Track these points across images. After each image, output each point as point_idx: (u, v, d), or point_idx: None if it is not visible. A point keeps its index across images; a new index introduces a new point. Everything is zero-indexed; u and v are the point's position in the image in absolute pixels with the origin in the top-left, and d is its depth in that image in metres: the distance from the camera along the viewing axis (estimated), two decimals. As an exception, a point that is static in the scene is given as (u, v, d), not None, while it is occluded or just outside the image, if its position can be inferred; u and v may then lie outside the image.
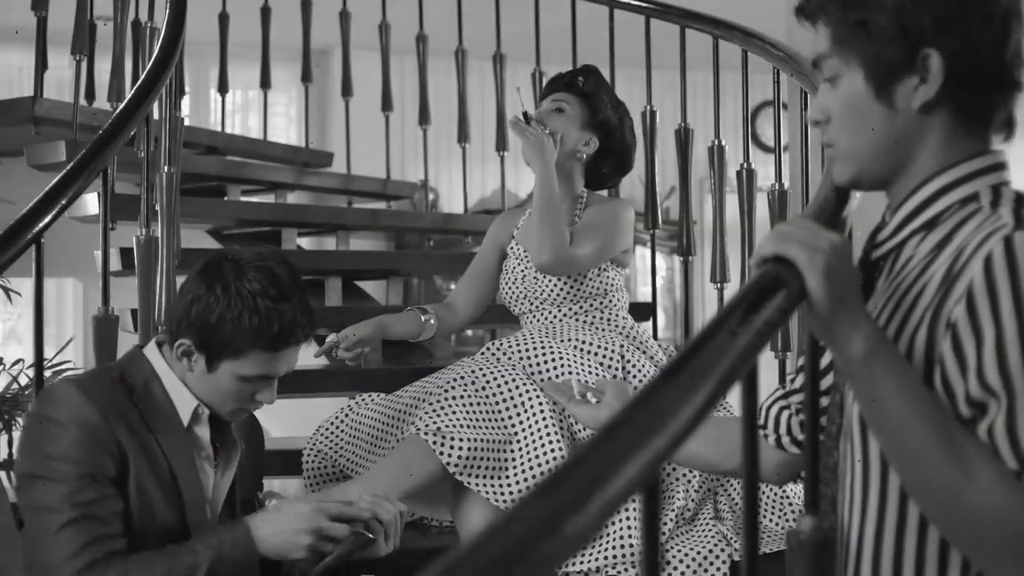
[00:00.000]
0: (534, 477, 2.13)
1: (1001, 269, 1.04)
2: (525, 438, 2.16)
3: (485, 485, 2.13)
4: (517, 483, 2.14)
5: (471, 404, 2.17)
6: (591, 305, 2.48)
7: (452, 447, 2.10)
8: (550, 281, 2.48)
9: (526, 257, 2.56)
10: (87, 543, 1.65)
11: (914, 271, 1.14)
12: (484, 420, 2.16)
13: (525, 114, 2.52)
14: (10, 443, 4.61)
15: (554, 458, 2.14)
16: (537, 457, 2.14)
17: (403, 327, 2.54)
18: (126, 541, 1.70)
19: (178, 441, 1.79)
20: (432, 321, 2.56)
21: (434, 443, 2.10)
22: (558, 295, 2.48)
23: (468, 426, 2.13)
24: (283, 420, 3.77)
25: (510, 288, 2.57)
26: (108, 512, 1.69)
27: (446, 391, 2.18)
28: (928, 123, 1.14)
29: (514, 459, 2.15)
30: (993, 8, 1.10)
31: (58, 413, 1.70)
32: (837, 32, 1.16)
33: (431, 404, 2.16)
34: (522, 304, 2.54)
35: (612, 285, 2.52)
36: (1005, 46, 1.11)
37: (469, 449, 2.10)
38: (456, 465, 2.10)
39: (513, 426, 2.18)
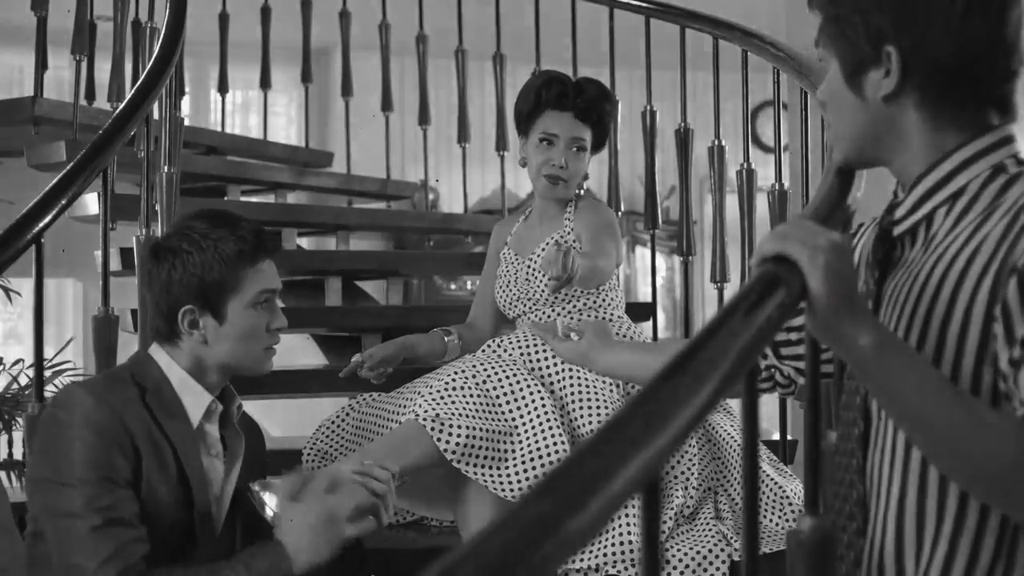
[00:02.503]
0: (534, 469, 2.13)
1: None
2: (526, 431, 2.16)
3: (484, 474, 2.13)
4: (518, 474, 2.13)
5: (471, 396, 2.17)
6: (585, 304, 2.47)
7: (450, 434, 2.10)
8: (540, 281, 2.48)
9: (517, 261, 2.56)
10: (117, 548, 1.66)
11: (960, 237, 1.17)
12: (484, 412, 2.16)
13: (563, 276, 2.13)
14: (10, 443, 4.62)
15: (556, 450, 2.14)
16: (539, 449, 2.14)
17: (428, 347, 2.53)
18: (149, 543, 1.71)
19: (189, 442, 1.80)
20: (456, 341, 2.56)
21: (431, 429, 2.10)
22: (551, 295, 2.47)
23: (467, 415, 2.13)
24: (283, 420, 3.78)
25: (504, 292, 2.57)
26: (130, 513, 1.70)
27: (446, 384, 2.19)
28: (899, 112, 1.21)
29: (514, 451, 2.15)
30: (950, 9, 1.16)
31: (71, 416, 1.71)
32: (824, 22, 1.25)
33: (431, 393, 2.17)
34: (516, 307, 2.54)
35: (606, 284, 2.51)
36: (969, 43, 1.17)
37: (467, 437, 2.10)
38: (454, 452, 2.10)
39: (514, 420, 2.18)
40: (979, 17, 1.16)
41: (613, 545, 2.10)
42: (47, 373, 3.55)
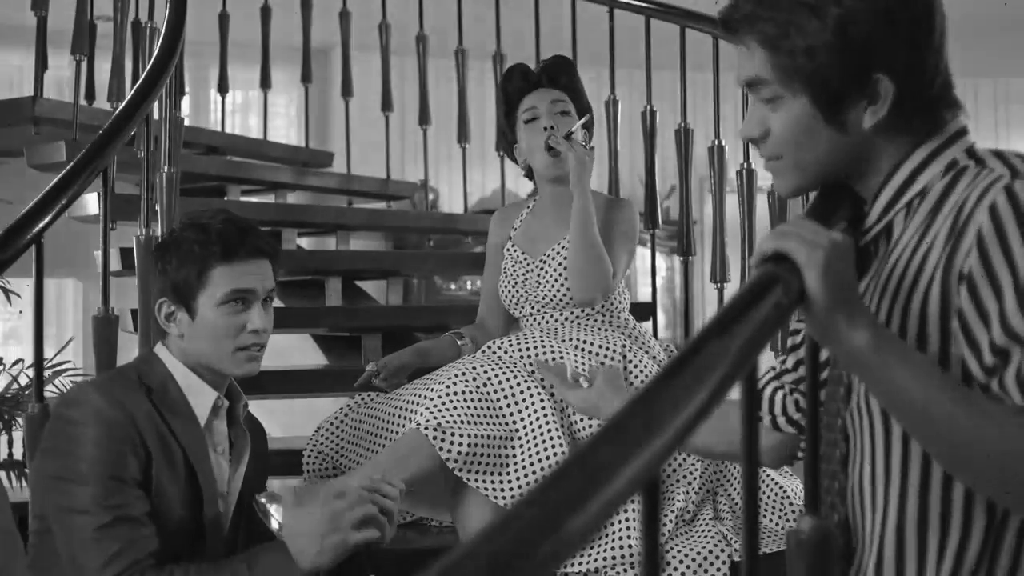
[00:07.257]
0: (535, 474, 2.13)
1: (1008, 216, 1.08)
2: (526, 435, 2.16)
3: (485, 482, 2.13)
4: (518, 479, 2.13)
5: (472, 401, 2.16)
6: (593, 307, 2.47)
7: (452, 443, 2.10)
8: (552, 287, 2.47)
9: (526, 260, 2.55)
10: (124, 546, 1.66)
11: (914, 238, 1.17)
12: (485, 417, 2.16)
13: (569, 134, 2.45)
14: (10, 443, 4.62)
15: (555, 454, 2.14)
16: (538, 454, 2.14)
17: (441, 353, 2.51)
18: (158, 540, 1.71)
19: (196, 440, 1.81)
20: (469, 344, 2.54)
21: (434, 438, 2.09)
22: (561, 299, 2.47)
23: (469, 422, 2.12)
24: (283, 420, 3.77)
25: (510, 291, 2.56)
26: (139, 512, 1.70)
27: (447, 387, 2.18)
28: (879, 134, 1.19)
29: (515, 456, 2.15)
30: (932, 28, 1.16)
31: (80, 414, 1.71)
32: (777, 58, 1.18)
33: (431, 400, 2.16)
34: (523, 308, 2.53)
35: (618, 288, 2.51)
36: (941, 60, 1.18)
37: (469, 445, 2.10)
38: (456, 461, 2.10)
39: (514, 423, 2.18)
40: (940, 33, 1.16)
41: (612, 548, 2.10)
42: (47, 373, 3.56)
